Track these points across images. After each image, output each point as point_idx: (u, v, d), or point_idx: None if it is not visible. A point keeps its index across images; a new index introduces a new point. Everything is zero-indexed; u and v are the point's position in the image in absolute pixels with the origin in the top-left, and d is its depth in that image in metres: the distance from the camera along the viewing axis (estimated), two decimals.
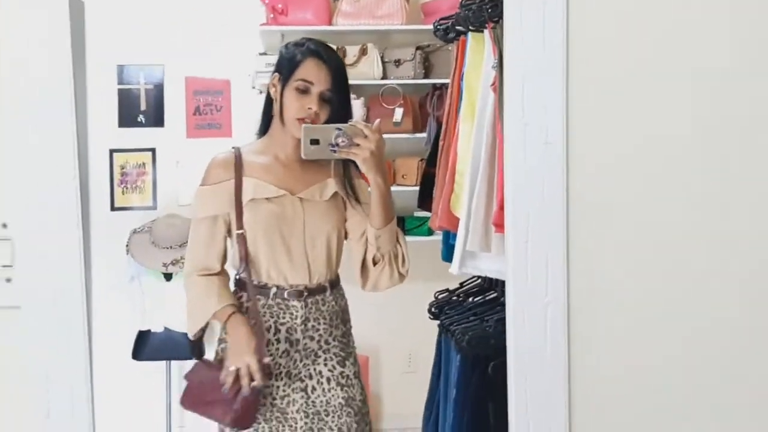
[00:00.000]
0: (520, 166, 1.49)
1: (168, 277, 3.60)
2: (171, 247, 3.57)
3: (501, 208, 2.11)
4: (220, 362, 2.03)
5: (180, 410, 4.00)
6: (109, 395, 3.99)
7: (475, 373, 2.32)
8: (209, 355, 2.16)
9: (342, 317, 2.11)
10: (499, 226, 2.12)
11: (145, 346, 3.67)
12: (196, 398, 2.00)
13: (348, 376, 2.06)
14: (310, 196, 2.01)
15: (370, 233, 2.00)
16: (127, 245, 3.65)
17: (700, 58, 1.62)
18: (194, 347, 2.80)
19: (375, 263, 2.04)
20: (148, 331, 3.67)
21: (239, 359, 1.92)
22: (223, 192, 2.00)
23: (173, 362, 3.78)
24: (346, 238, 2.12)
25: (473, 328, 2.38)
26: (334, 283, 2.09)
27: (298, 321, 2.01)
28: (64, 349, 1.36)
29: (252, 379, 1.91)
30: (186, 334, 3.30)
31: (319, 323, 2.03)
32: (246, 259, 1.99)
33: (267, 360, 1.94)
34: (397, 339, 4.17)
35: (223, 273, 2.09)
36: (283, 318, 2.01)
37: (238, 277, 2.07)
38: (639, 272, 1.58)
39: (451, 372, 2.59)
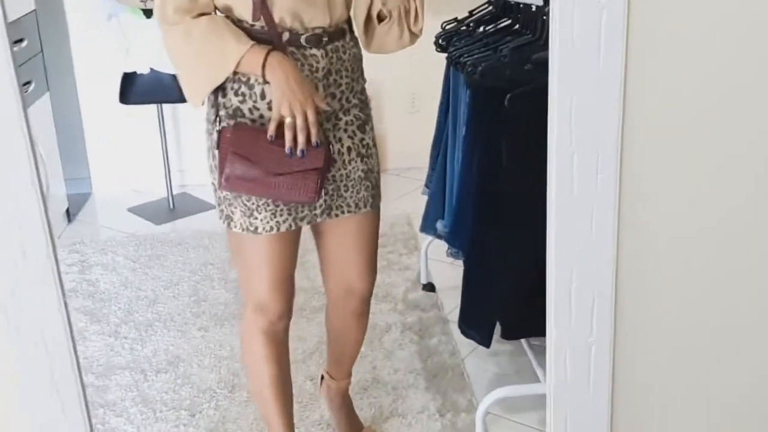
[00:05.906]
0: None
1: (148, 13, 3.29)
2: None
3: None
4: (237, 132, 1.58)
5: (177, 153, 3.92)
6: (102, 140, 3.89)
7: (488, 109, 2.13)
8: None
9: (360, 68, 1.77)
10: None
11: (132, 89, 3.48)
12: (245, 176, 1.57)
13: (368, 144, 1.77)
14: None
15: None
16: None
17: None
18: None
19: (381, 20, 1.72)
20: (134, 73, 3.45)
21: (295, 105, 1.53)
22: None
23: (164, 105, 3.61)
24: None
25: (486, 59, 2.15)
26: (351, 26, 1.74)
27: (320, 74, 1.65)
28: None
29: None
30: (174, 76, 3.11)
31: (341, 76, 1.69)
32: None
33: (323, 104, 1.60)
34: (400, 80, 3.96)
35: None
36: (302, 71, 1.63)
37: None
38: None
39: (460, 109, 2.41)
